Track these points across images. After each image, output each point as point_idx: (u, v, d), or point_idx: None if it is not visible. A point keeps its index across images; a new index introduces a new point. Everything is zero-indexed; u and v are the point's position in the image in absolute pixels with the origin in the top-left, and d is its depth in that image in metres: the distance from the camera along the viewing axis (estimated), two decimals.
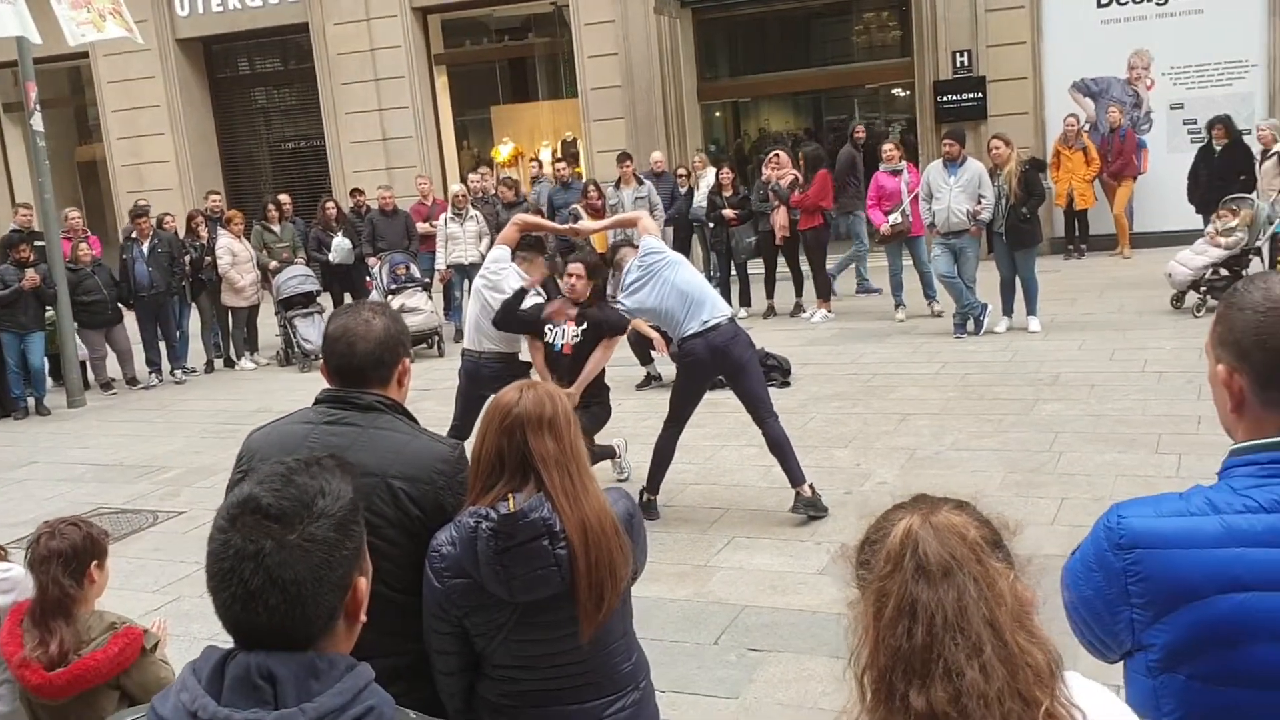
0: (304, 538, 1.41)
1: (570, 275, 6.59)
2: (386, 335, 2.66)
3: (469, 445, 2.62)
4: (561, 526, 2.40)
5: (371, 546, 2.50)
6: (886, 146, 12.05)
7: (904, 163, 11.89)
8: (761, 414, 6.33)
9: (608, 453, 7.10)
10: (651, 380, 9.70)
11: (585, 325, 6.51)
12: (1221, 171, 12.04)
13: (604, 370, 6.67)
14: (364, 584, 1.50)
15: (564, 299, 6.65)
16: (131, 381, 12.10)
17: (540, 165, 16.94)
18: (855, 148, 13.65)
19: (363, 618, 1.51)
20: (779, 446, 6.30)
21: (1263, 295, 1.74)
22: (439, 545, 2.47)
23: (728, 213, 12.59)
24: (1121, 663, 1.84)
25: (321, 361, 2.76)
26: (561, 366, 6.48)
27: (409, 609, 2.53)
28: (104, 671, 3.18)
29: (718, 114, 18.84)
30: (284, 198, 14.32)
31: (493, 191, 14.01)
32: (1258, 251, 10.46)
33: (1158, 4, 14.33)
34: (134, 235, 12.17)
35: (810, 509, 6.17)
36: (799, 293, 12.59)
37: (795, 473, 6.26)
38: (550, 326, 6.60)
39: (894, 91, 18.08)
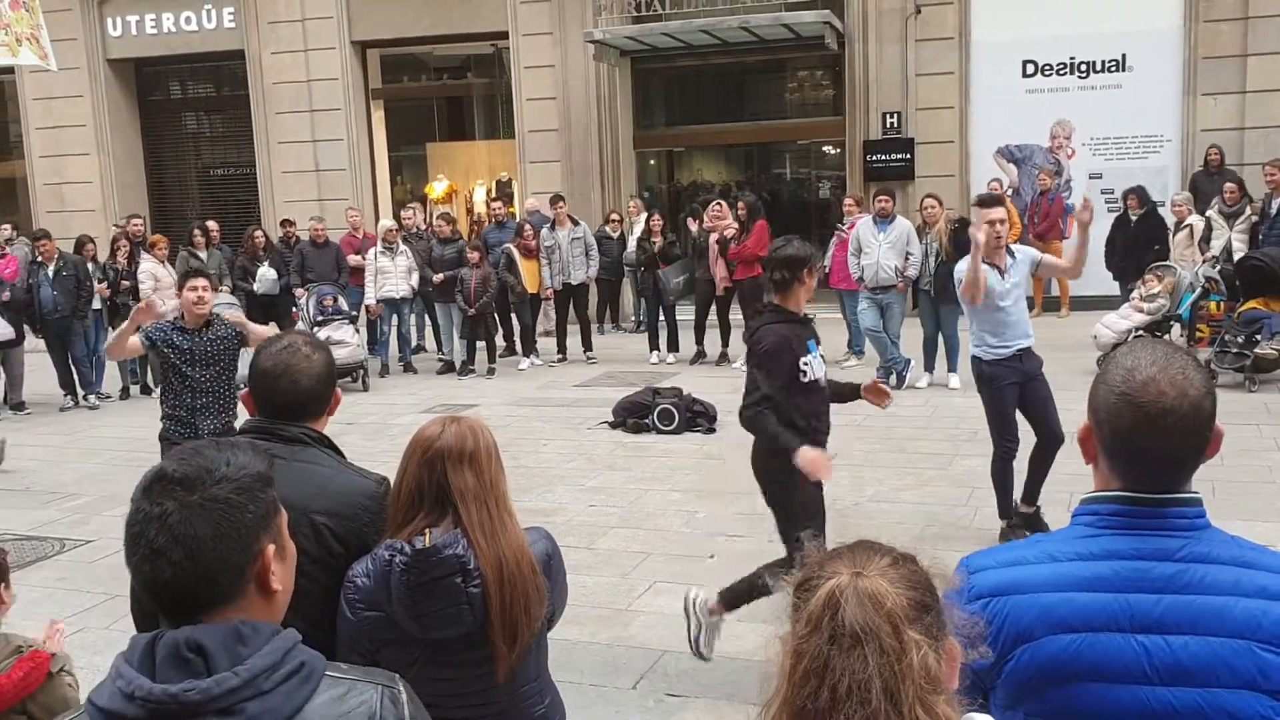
0: (205, 498, 1.49)
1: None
2: (327, 371, 2.67)
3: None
4: (476, 564, 2.38)
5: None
6: (847, 201, 12.34)
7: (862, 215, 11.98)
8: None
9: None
10: None
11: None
12: (1136, 240, 12.45)
13: None
14: (272, 552, 1.55)
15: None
16: (18, 406, 11.77)
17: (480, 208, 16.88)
18: None
19: (276, 587, 1.55)
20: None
21: (1123, 377, 1.78)
22: (354, 576, 2.44)
23: (657, 243, 12.81)
24: None
25: (245, 391, 2.71)
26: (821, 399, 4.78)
27: (323, 646, 2.47)
28: (8, 697, 3.07)
29: (652, 162, 19.02)
30: (212, 224, 14.11)
31: (425, 227, 13.98)
32: (1179, 318, 10.79)
33: (1080, 77, 14.87)
34: (38, 259, 11.89)
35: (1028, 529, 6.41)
36: (725, 343, 12.67)
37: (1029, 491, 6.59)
38: (807, 359, 4.63)
39: (825, 149, 18.41)
